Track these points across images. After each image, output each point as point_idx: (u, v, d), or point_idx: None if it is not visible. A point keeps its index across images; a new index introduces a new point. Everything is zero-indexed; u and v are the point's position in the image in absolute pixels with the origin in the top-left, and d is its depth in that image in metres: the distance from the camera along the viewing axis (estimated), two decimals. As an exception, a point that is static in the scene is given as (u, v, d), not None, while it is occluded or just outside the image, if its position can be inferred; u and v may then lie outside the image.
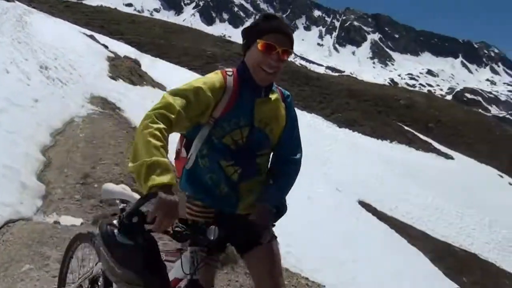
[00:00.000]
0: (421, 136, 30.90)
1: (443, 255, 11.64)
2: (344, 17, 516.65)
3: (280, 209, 2.52)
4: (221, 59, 34.57)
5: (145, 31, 39.00)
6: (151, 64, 21.11)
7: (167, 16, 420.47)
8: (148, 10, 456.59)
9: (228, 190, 2.42)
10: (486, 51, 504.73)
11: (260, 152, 2.45)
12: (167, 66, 24.38)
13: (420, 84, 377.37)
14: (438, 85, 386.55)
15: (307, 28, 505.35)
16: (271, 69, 2.30)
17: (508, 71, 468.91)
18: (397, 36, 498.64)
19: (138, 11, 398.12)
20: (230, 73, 2.41)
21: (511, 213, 17.59)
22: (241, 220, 2.40)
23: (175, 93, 2.22)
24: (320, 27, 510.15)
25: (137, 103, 12.15)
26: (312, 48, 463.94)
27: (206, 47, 36.83)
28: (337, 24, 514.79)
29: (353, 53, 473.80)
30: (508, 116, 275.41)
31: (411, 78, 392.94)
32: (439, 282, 9.75)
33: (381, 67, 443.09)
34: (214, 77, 2.37)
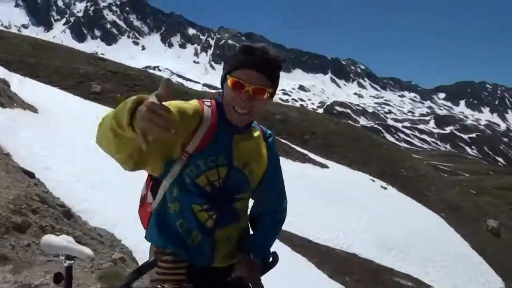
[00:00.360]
0: (298, 148, 32.13)
1: (327, 258, 12.19)
2: (218, 36, 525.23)
3: (266, 261, 2.25)
4: (95, 77, 33.45)
5: (13, 48, 36.56)
6: (20, 84, 19.88)
7: (36, 32, 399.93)
8: (16, 26, 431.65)
9: (201, 239, 2.06)
10: (353, 67, 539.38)
11: (239, 196, 2.12)
12: (38, 86, 23.09)
13: (293, 99, 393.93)
14: (310, 100, 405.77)
15: (183, 46, 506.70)
16: (242, 109, 1.98)
17: (374, 85, 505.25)
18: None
19: (6, 27, 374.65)
20: (208, 103, 2.10)
21: (385, 213, 18.88)
22: (220, 275, 2.10)
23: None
24: (196, 45, 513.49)
25: (7, 127, 11.37)
26: (188, 66, 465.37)
27: (78, 65, 35.39)
28: (212, 42, 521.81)
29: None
30: (375, 125, 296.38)
31: (285, 94, 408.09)
32: (324, 284, 10.19)
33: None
34: (189, 102, 2.06)
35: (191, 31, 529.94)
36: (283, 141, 32.87)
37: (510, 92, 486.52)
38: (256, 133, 2.21)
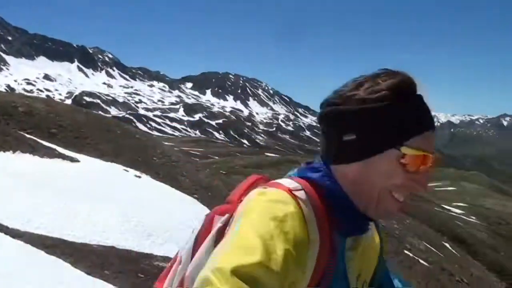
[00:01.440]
0: (45, 143, 30.32)
1: (84, 255, 11.92)
2: None
3: None
4: None
5: None
6: None
7: None
8: None
9: None
10: (100, 56, 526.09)
11: None
12: None
13: (38, 89, 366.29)
14: (56, 90, 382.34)
15: None
16: (404, 196, 1.15)
17: (123, 74, 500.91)
18: (10, 38, 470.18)
19: None
20: (300, 193, 1.13)
21: (140, 202, 19.11)
22: None
23: (248, 275, 0.93)
24: None
25: None
26: None
27: None
28: None
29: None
30: (127, 115, 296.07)
31: (28, 84, 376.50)
32: (81, 282, 9.96)
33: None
34: (284, 203, 1.08)
35: None
36: (27, 136, 30.67)
37: (251, 82, 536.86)
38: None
